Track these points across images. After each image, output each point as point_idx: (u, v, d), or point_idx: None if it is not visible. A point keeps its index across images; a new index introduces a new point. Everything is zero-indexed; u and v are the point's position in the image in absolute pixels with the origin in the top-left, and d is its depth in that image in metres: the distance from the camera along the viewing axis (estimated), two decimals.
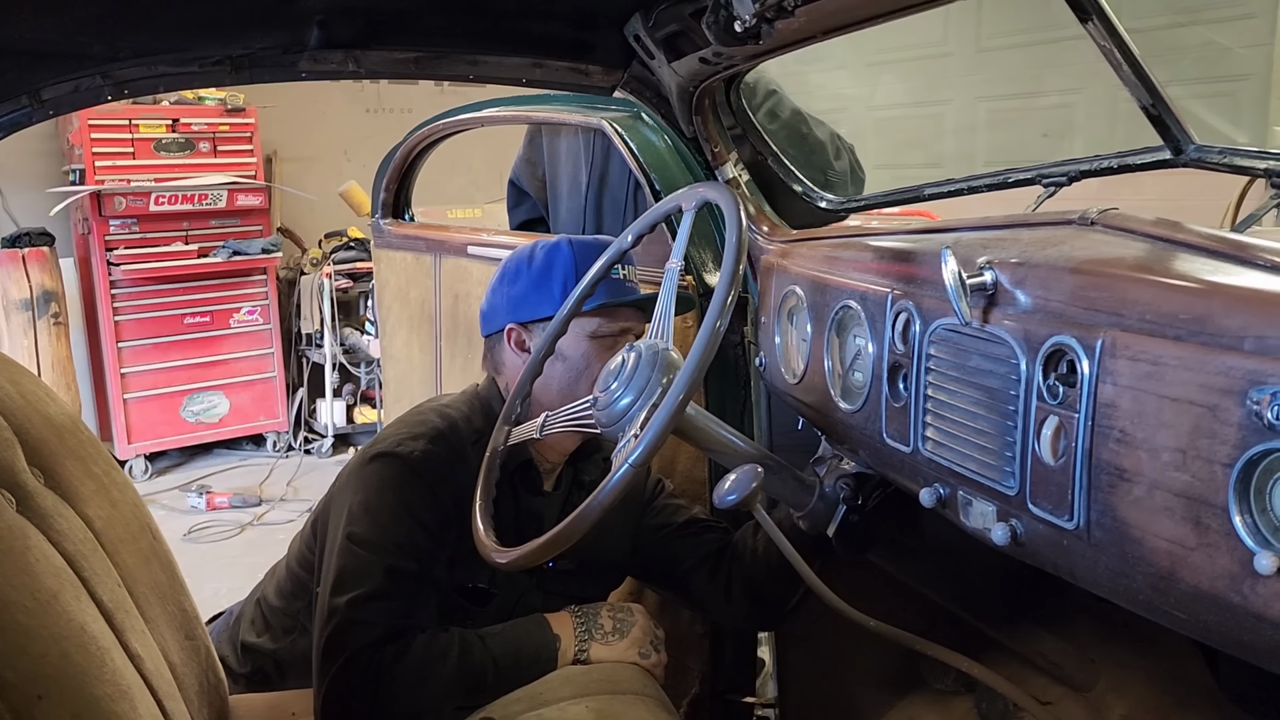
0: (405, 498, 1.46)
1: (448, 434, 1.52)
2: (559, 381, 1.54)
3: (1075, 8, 1.24)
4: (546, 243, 1.60)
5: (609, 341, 1.54)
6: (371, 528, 1.44)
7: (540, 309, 1.56)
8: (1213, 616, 0.81)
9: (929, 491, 1.14)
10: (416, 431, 1.52)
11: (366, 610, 1.39)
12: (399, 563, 1.42)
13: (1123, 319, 0.87)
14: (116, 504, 1.31)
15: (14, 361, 1.32)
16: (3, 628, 0.91)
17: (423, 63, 1.57)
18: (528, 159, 2.59)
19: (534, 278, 1.57)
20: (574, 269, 1.54)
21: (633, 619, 1.53)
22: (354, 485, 1.49)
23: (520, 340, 1.59)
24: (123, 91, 1.48)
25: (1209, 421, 0.77)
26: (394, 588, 1.41)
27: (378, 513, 1.45)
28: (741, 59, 1.42)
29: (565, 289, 1.53)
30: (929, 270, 1.16)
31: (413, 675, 1.38)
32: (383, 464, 1.48)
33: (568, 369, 1.53)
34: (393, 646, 1.38)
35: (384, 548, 1.43)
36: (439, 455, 1.49)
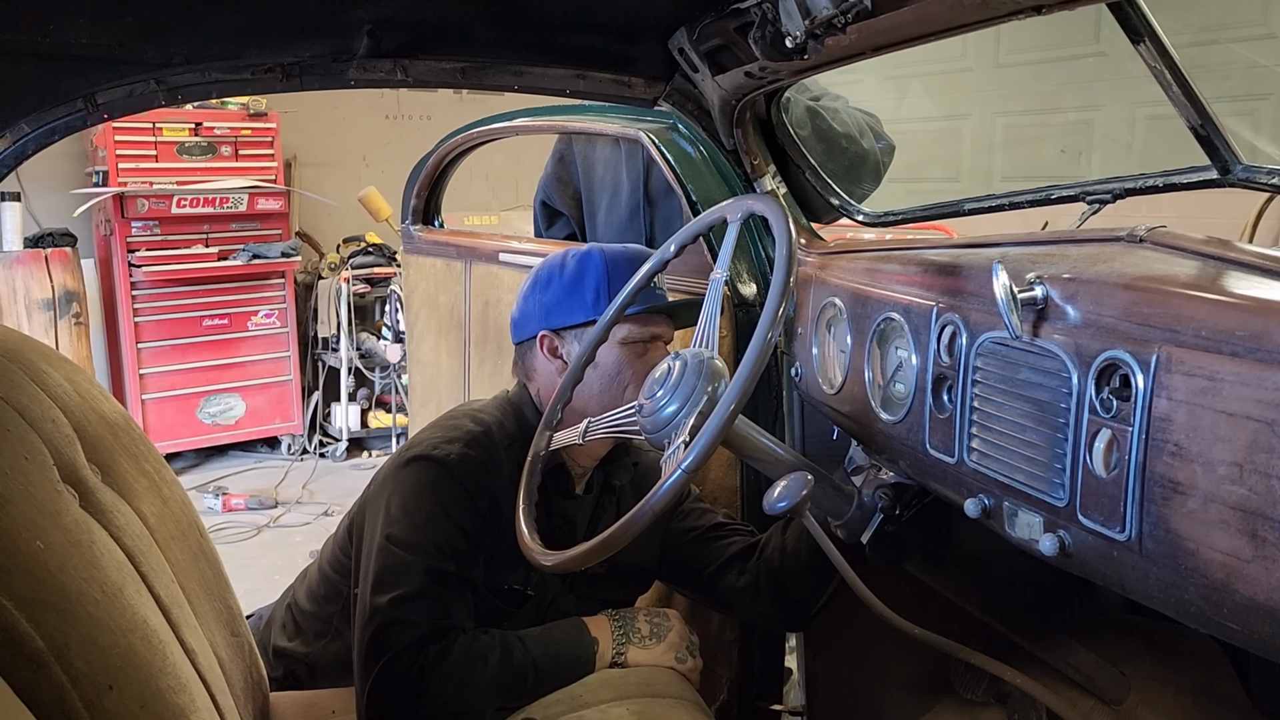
0: (442, 500, 1.48)
1: (482, 438, 1.55)
2: (593, 387, 1.57)
3: (1128, 29, 1.26)
4: (578, 251, 1.62)
5: (640, 348, 1.57)
6: (410, 529, 1.46)
7: (573, 316, 1.59)
8: (1267, 628, 0.82)
9: (974, 502, 1.15)
10: (452, 435, 1.54)
11: (408, 610, 1.41)
12: (438, 564, 1.44)
13: (1177, 335, 0.89)
14: (167, 501, 1.34)
15: (68, 359, 1.35)
16: (75, 619, 0.93)
17: (469, 73, 1.59)
18: (558, 177, 2.59)
19: (566, 285, 1.60)
20: (606, 276, 1.58)
21: (669, 624, 1.55)
22: (391, 488, 1.51)
23: (553, 347, 1.61)
24: (175, 97, 1.50)
25: (1267, 436, 0.79)
26: (434, 588, 1.43)
27: (415, 514, 1.47)
28: (787, 74, 1.44)
29: (598, 296, 1.57)
30: (975, 284, 1.18)
31: (455, 675, 1.39)
32: (420, 467, 1.50)
33: (600, 375, 1.56)
34: (435, 646, 1.40)
35: (423, 548, 1.45)
36: (474, 459, 1.51)
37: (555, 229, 2.65)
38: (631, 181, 2.37)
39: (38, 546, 0.94)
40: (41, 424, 1.08)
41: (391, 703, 1.39)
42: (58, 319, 4.45)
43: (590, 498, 1.68)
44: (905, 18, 1.13)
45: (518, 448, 1.54)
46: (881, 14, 1.14)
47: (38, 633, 0.87)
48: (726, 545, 1.72)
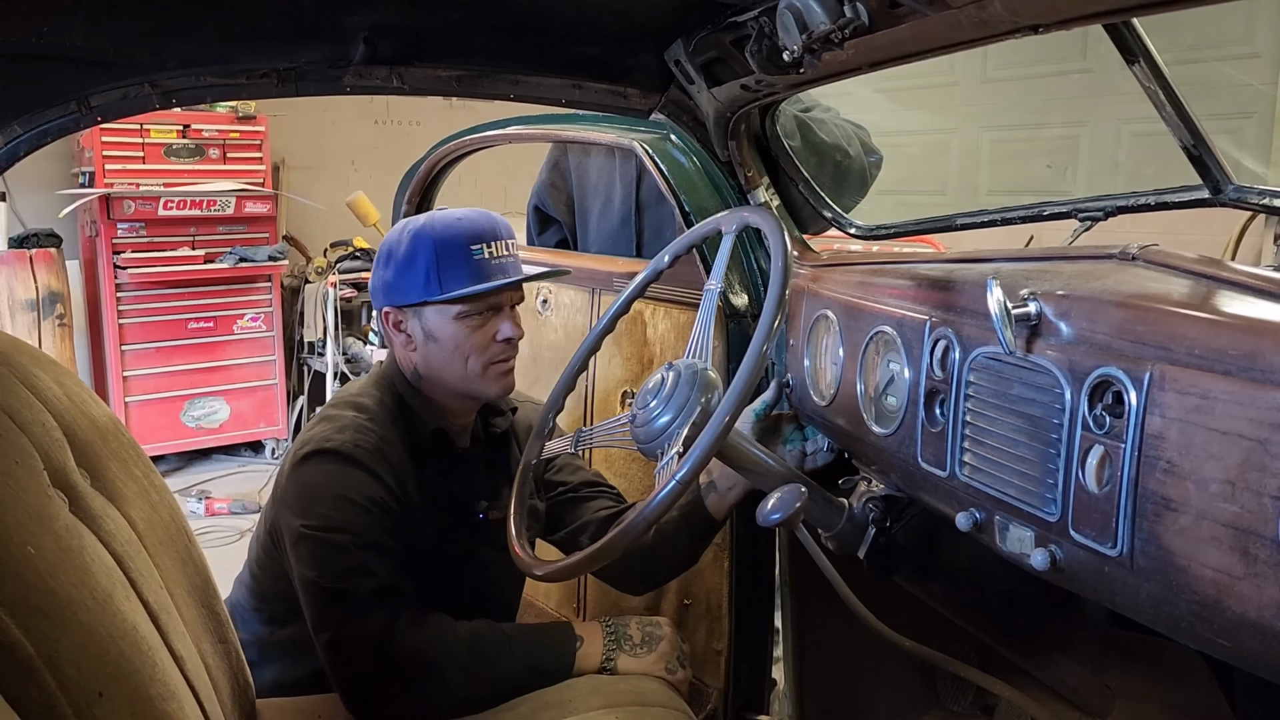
0: (347, 485, 1.52)
1: (367, 421, 1.59)
2: (436, 361, 1.63)
3: (1123, 50, 1.28)
4: (414, 229, 1.63)
5: (476, 321, 1.62)
6: (324, 519, 1.50)
7: (408, 295, 1.62)
8: (1258, 645, 0.83)
9: (965, 515, 1.16)
10: (341, 425, 1.58)
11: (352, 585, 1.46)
12: (360, 543, 1.49)
13: (1171, 353, 0.90)
14: (156, 506, 1.33)
15: (57, 363, 1.34)
16: (66, 625, 0.92)
17: (465, 81, 1.59)
18: (552, 184, 2.60)
19: (400, 265, 1.63)
20: (435, 259, 1.59)
21: (661, 633, 1.56)
22: (296, 487, 1.55)
23: (397, 322, 1.66)
24: (170, 101, 1.50)
25: (1259, 455, 0.80)
26: (365, 562, 1.48)
27: (325, 504, 1.51)
28: (782, 87, 1.45)
29: (428, 278, 1.60)
30: (969, 299, 1.19)
31: (424, 634, 1.45)
32: (317, 461, 1.55)
33: (440, 349, 1.63)
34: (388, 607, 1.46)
35: (343, 531, 1.49)
36: (366, 441, 1.56)
37: (547, 235, 2.65)
38: (624, 189, 2.38)
39: (28, 552, 0.93)
40: (32, 428, 1.07)
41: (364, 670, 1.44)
42: (41, 320, 4.41)
43: (479, 449, 1.75)
44: (902, 34, 1.14)
45: (401, 418, 1.63)
46: (879, 30, 1.15)
47: (28, 639, 0.86)
48: (590, 505, 1.80)
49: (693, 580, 1.94)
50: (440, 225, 1.62)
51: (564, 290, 2.17)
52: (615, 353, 2.02)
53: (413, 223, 1.64)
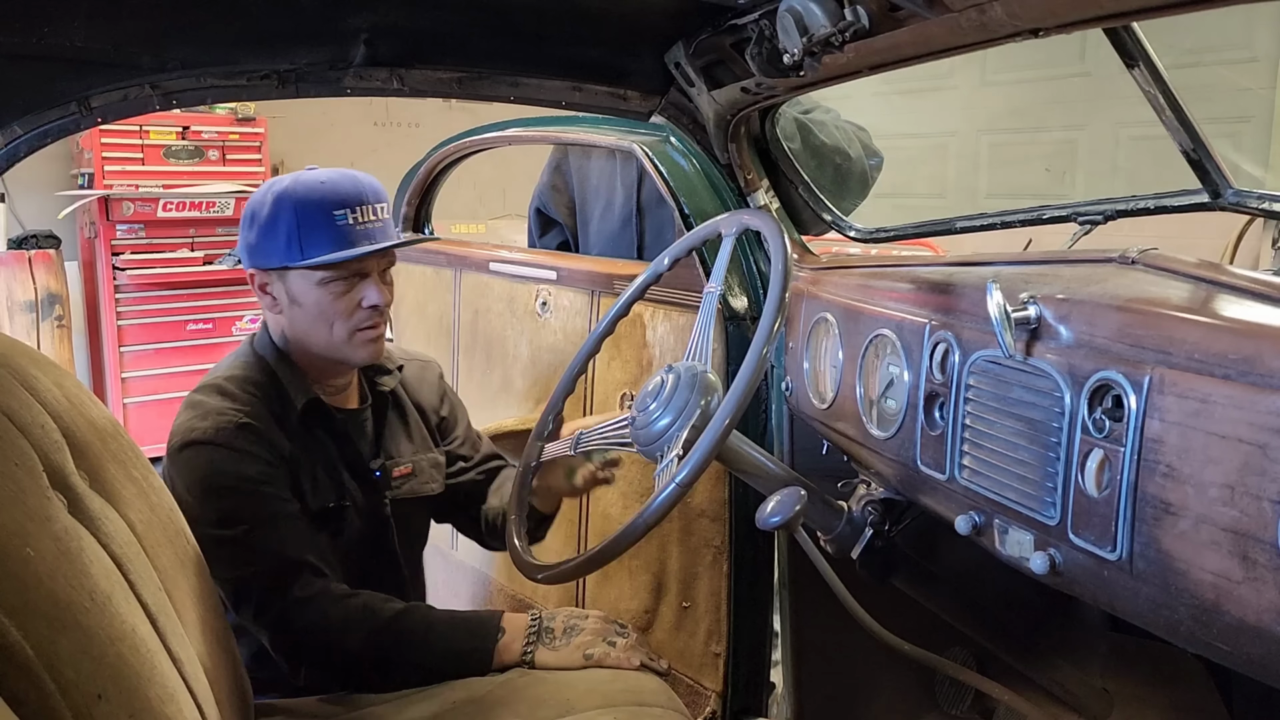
0: (225, 470, 1.53)
1: (228, 406, 1.58)
2: (301, 325, 1.63)
3: (1123, 54, 1.28)
4: (277, 190, 1.60)
5: (341, 286, 1.60)
6: (214, 509, 1.51)
7: (270, 259, 1.61)
8: (1257, 649, 0.83)
9: (965, 519, 1.16)
10: (205, 411, 1.58)
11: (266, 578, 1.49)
12: (256, 520, 1.51)
13: (1170, 357, 0.90)
14: (154, 508, 1.33)
15: (56, 364, 1.34)
16: (65, 627, 0.92)
17: (465, 83, 1.59)
18: (554, 186, 2.61)
19: (263, 228, 1.61)
20: (296, 223, 1.57)
21: (584, 624, 1.55)
22: (180, 480, 1.55)
23: (262, 284, 1.65)
24: (170, 102, 1.50)
25: (1259, 459, 0.80)
26: (268, 547, 1.50)
27: (211, 493, 1.52)
28: (783, 90, 1.45)
29: (289, 241, 1.58)
30: (968, 302, 1.19)
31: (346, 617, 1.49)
32: (191, 453, 1.55)
33: (305, 314, 1.62)
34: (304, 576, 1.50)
35: (237, 517, 1.51)
36: (230, 423, 1.56)
37: (549, 237, 2.66)
38: (625, 191, 2.39)
39: (27, 554, 0.93)
40: (31, 429, 1.07)
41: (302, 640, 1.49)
42: (40, 321, 4.41)
43: (366, 408, 1.76)
44: (903, 38, 1.14)
45: (273, 392, 1.63)
46: (879, 34, 1.15)
47: (27, 641, 0.86)
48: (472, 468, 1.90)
49: (692, 583, 1.94)
50: (303, 188, 1.59)
51: (563, 293, 2.17)
52: (615, 355, 2.02)
53: (277, 183, 1.62)
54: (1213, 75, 4.18)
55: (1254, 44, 4.35)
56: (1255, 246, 3.81)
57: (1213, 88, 4.19)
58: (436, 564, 2.59)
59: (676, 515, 1.93)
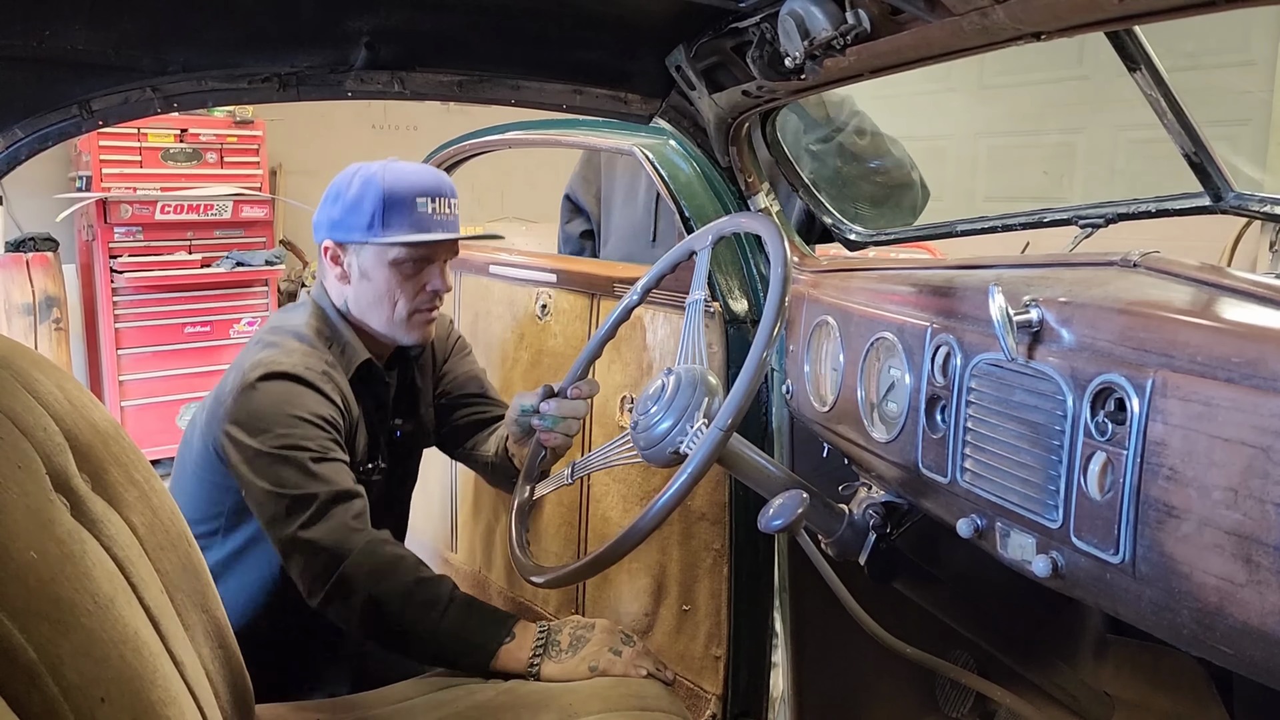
0: (303, 404, 1.61)
1: (311, 347, 1.71)
2: (365, 299, 1.75)
3: (1124, 57, 1.28)
4: (366, 173, 1.74)
5: (410, 268, 1.73)
6: (281, 438, 1.57)
7: (351, 235, 1.73)
8: (1260, 652, 0.83)
9: (966, 522, 1.16)
10: (289, 349, 1.68)
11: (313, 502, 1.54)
12: (316, 455, 1.57)
13: (1173, 360, 0.90)
14: (156, 511, 1.32)
15: (59, 367, 1.34)
16: (68, 629, 0.92)
17: (466, 86, 1.59)
18: (584, 176, 2.72)
19: (348, 205, 1.73)
20: (382, 206, 1.70)
21: (591, 634, 1.55)
22: (249, 409, 1.61)
23: (335, 256, 1.76)
24: (171, 105, 1.49)
25: (1262, 462, 0.80)
26: (324, 475, 1.57)
27: (282, 423, 1.58)
28: (784, 93, 1.45)
29: (372, 222, 1.71)
30: (970, 305, 1.19)
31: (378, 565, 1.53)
32: (273, 384, 1.61)
33: (372, 290, 1.74)
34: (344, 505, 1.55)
35: (300, 447, 1.57)
36: (314, 364, 1.67)
37: (574, 224, 2.75)
38: (647, 185, 2.44)
39: (30, 557, 0.93)
40: (33, 432, 1.07)
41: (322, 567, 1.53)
42: (38, 324, 4.40)
43: (394, 373, 1.89)
44: (904, 41, 1.14)
45: (336, 346, 1.75)
46: (881, 37, 1.15)
47: (30, 644, 0.86)
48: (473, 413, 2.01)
49: (692, 586, 1.94)
50: (391, 175, 1.73)
51: (564, 296, 2.17)
52: (615, 358, 2.02)
53: (366, 168, 1.74)
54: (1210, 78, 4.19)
55: (1251, 47, 4.36)
56: (1253, 249, 3.82)
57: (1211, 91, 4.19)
58: (436, 567, 2.59)
59: (677, 518, 1.93)
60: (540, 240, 5.77)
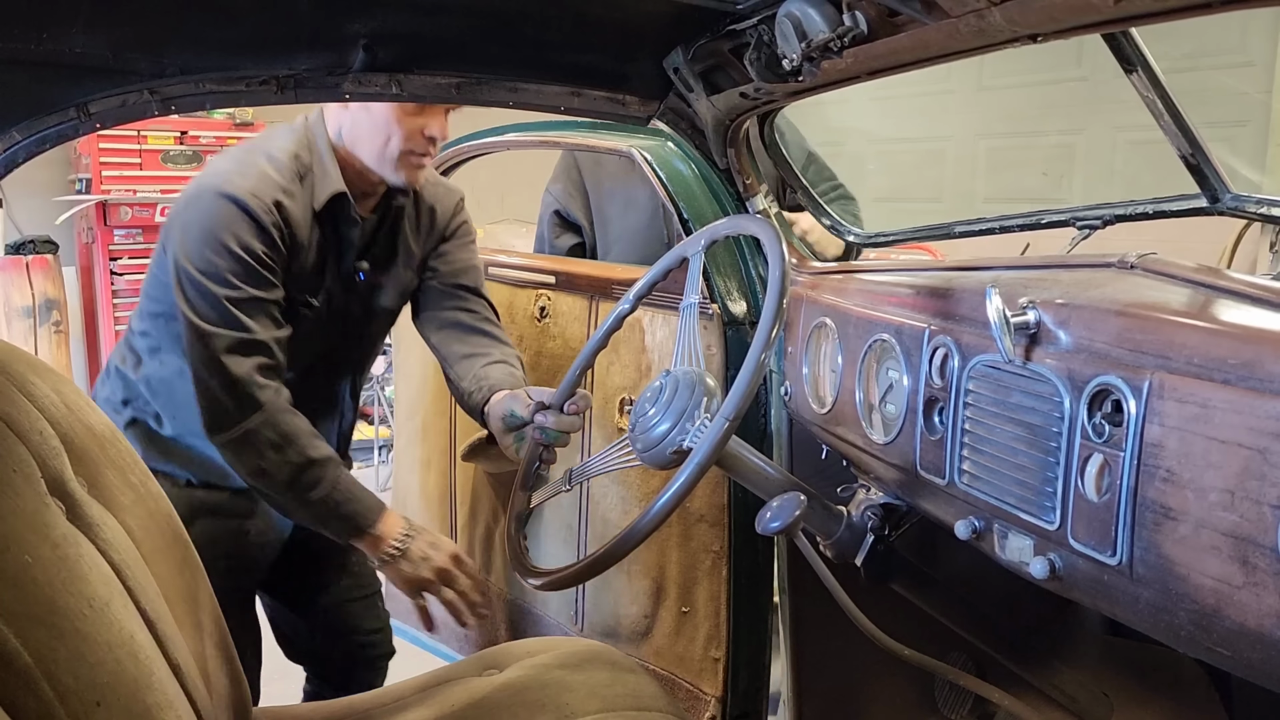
0: (235, 233, 1.61)
1: (273, 173, 1.68)
2: (362, 129, 1.73)
3: (1121, 59, 1.28)
4: None
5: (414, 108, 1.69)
6: (207, 262, 1.60)
7: None
8: (1257, 654, 0.83)
9: (964, 524, 1.16)
10: (245, 169, 1.67)
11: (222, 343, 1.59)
12: (235, 290, 1.60)
13: (1169, 362, 0.90)
14: (153, 514, 1.32)
15: (55, 370, 1.33)
16: (63, 634, 0.92)
17: (464, 88, 1.59)
18: (567, 190, 2.62)
19: None
20: None
21: (434, 558, 1.68)
22: (190, 218, 1.64)
23: None
24: (169, 108, 1.49)
25: (1259, 464, 0.80)
26: (233, 311, 1.60)
27: (212, 246, 1.60)
28: (782, 95, 1.45)
29: None
30: (968, 307, 1.19)
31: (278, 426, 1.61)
32: (215, 201, 1.62)
33: (370, 120, 1.71)
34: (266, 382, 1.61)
35: (221, 279, 1.60)
36: (266, 193, 1.64)
37: (564, 239, 2.66)
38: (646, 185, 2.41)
39: (26, 560, 0.93)
40: (29, 436, 1.07)
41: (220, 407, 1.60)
42: (38, 326, 4.41)
43: (373, 219, 1.83)
44: (901, 43, 1.14)
45: (311, 176, 1.72)
46: (878, 39, 1.15)
47: (25, 648, 0.86)
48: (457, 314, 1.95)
49: (691, 588, 1.94)
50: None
51: (562, 298, 2.17)
52: (614, 360, 2.02)
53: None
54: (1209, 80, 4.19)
55: (1250, 49, 4.36)
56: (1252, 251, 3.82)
57: (1209, 92, 4.20)
58: None
59: (676, 520, 1.93)
60: None
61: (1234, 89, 4.28)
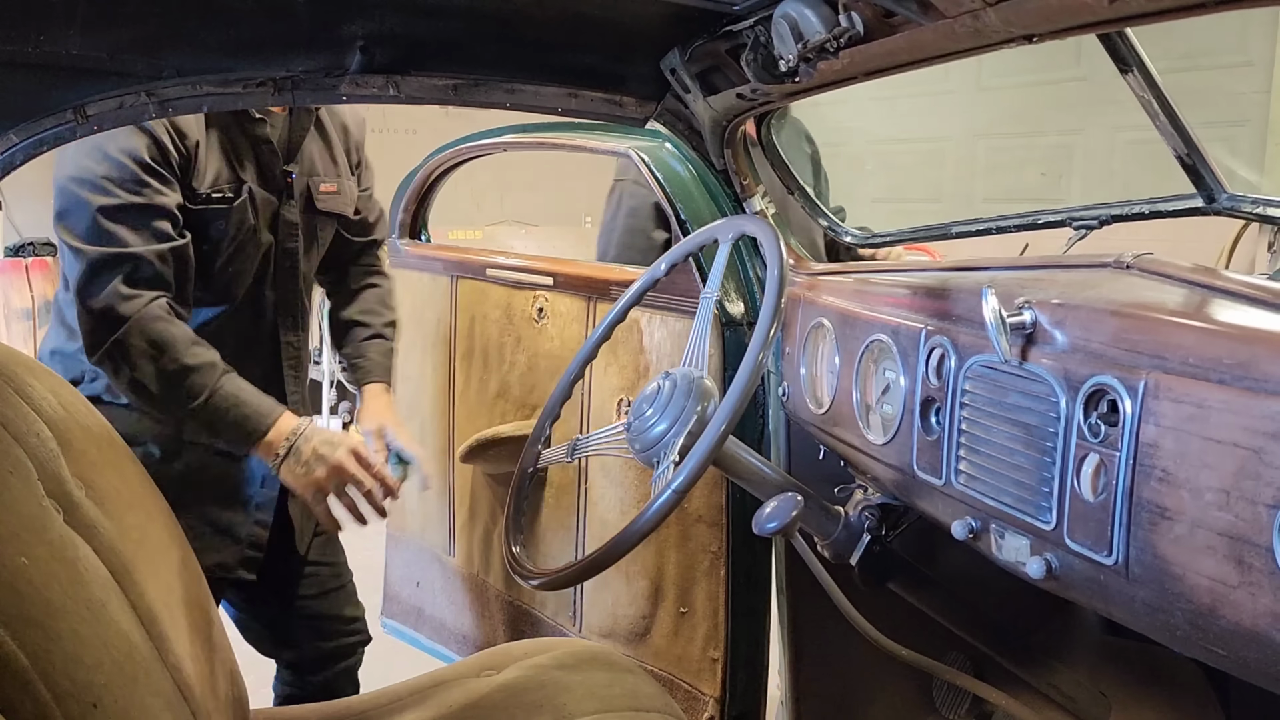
0: (113, 136, 1.57)
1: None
2: None
3: (1116, 59, 1.28)
4: None
5: None
6: (81, 171, 1.57)
7: None
8: (1253, 653, 0.83)
9: (961, 524, 1.16)
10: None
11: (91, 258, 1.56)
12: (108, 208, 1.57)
13: (1165, 362, 0.90)
14: (151, 515, 1.33)
15: (52, 372, 1.34)
16: (59, 635, 0.92)
17: (461, 89, 1.59)
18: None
19: None
20: None
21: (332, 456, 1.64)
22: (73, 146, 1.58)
23: None
24: (166, 110, 1.49)
25: (1254, 464, 0.80)
26: (110, 232, 1.57)
27: (86, 155, 1.58)
28: (778, 96, 1.45)
29: None
30: (964, 308, 1.19)
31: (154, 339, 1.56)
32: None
33: None
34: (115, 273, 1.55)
35: (95, 186, 1.57)
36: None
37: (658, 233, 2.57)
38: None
39: (22, 562, 0.93)
40: (26, 438, 1.07)
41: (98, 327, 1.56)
42: (37, 329, 4.41)
43: (283, 116, 1.79)
44: (897, 44, 1.14)
45: None
46: (874, 40, 1.15)
47: (22, 650, 0.86)
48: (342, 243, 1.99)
49: (689, 588, 1.94)
50: None
51: (560, 299, 2.17)
52: (611, 361, 2.02)
53: None
54: (1208, 80, 4.20)
55: (1249, 48, 4.37)
56: (1251, 251, 3.82)
57: (1208, 92, 4.20)
58: (434, 571, 2.59)
59: (674, 521, 1.93)
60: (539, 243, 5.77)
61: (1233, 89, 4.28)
